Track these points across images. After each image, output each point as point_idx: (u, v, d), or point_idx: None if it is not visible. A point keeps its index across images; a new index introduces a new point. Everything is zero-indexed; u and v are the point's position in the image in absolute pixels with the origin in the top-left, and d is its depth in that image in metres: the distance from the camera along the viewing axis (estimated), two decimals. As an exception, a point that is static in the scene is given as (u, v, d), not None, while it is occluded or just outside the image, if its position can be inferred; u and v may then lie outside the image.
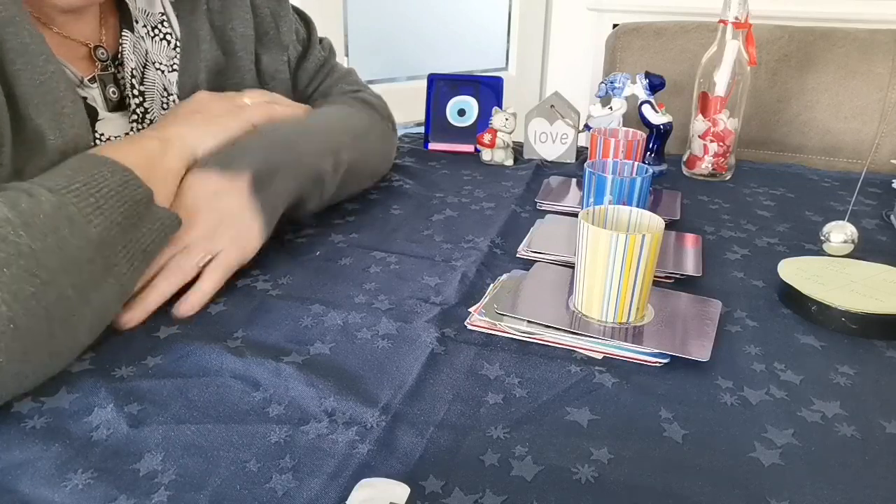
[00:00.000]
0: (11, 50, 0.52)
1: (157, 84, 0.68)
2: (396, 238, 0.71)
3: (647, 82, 0.93)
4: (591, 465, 0.40)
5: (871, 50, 1.15)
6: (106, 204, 0.49)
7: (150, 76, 0.68)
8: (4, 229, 0.42)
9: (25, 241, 0.43)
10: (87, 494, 0.37)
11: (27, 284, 0.42)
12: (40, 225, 0.44)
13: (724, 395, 0.47)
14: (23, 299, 0.42)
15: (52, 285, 0.43)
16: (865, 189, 0.89)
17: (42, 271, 0.43)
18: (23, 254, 0.42)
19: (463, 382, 0.47)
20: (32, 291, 0.42)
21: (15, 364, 0.42)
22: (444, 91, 1.02)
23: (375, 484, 0.37)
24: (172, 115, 0.65)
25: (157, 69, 0.68)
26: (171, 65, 0.70)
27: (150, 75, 0.68)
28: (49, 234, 0.44)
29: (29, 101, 0.53)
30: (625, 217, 0.56)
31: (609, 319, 0.53)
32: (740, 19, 0.86)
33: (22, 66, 0.52)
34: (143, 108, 0.67)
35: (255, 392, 0.46)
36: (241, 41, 0.75)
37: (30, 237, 0.43)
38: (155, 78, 0.68)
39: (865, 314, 0.53)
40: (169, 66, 0.70)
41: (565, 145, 0.99)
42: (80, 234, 0.46)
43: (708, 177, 0.93)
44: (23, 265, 0.42)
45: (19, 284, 0.42)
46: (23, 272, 0.42)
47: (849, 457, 0.41)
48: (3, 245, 0.42)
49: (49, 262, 0.44)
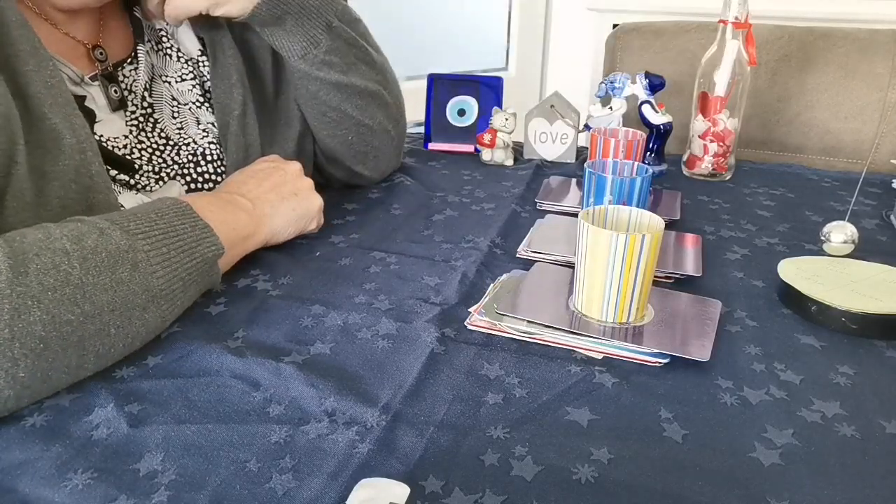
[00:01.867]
0: (24, 51, 0.52)
1: (166, 95, 0.69)
2: (396, 238, 0.71)
3: (647, 82, 0.93)
4: (591, 465, 0.40)
5: (871, 50, 1.15)
6: (176, 258, 0.50)
7: (158, 88, 0.68)
8: (60, 258, 0.44)
9: (78, 273, 0.44)
10: (87, 494, 0.37)
11: (68, 312, 0.43)
12: (99, 262, 0.45)
13: (724, 394, 0.47)
14: (59, 324, 0.42)
15: (95, 319, 0.44)
16: (865, 189, 0.89)
17: (87, 304, 0.44)
18: (71, 283, 0.43)
19: (463, 382, 0.47)
20: (71, 319, 0.43)
21: (35, 382, 0.42)
22: (443, 91, 1.02)
23: (375, 484, 0.37)
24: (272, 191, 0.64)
25: (165, 81, 0.69)
26: (179, 76, 0.70)
27: (157, 87, 0.68)
28: (105, 271, 0.45)
29: (43, 101, 0.53)
30: (625, 217, 0.56)
31: (609, 319, 0.53)
32: (740, 19, 0.86)
33: (34, 66, 0.53)
34: (152, 118, 0.67)
35: (256, 392, 0.46)
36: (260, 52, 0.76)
37: (83, 270, 0.44)
38: (162, 90, 0.69)
39: (865, 314, 0.53)
40: (177, 77, 0.70)
41: (565, 145, 0.99)
42: (140, 281, 0.47)
43: (708, 177, 0.93)
44: (68, 293, 0.43)
45: (59, 310, 0.42)
46: (66, 300, 0.43)
47: (849, 457, 0.41)
48: (54, 272, 0.43)
49: (97, 297, 0.44)
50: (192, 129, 0.70)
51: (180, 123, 0.69)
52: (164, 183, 0.66)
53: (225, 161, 0.71)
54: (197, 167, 0.69)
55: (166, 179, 0.66)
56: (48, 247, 0.44)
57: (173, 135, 0.68)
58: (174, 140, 0.68)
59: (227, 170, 0.71)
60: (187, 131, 0.69)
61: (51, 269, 0.43)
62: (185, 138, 0.69)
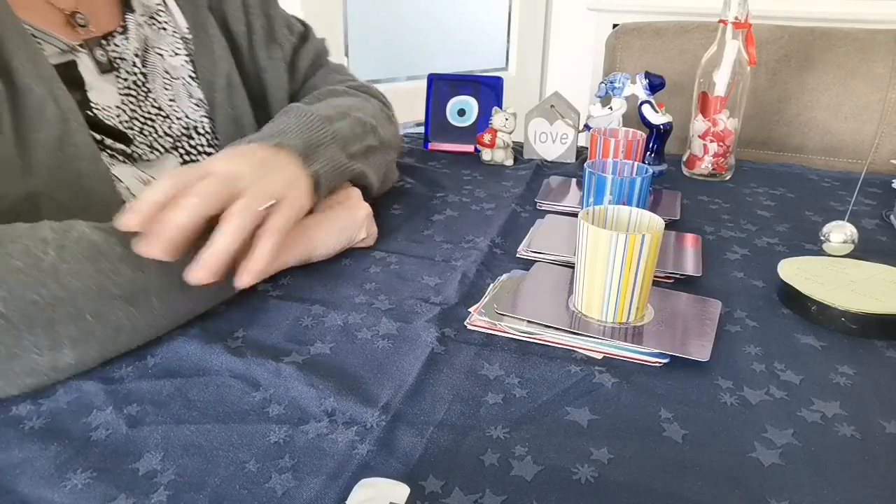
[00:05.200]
0: (5, 26, 0.54)
1: (159, 66, 0.69)
2: (396, 238, 0.71)
3: (647, 82, 0.93)
4: (591, 465, 0.40)
5: (871, 50, 1.15)
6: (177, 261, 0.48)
7: (152, 59, 0.69)
8: (35, 244, 0.44)
9: (51, 259, 0.44)
10: (87, 494, 0.37)
11: (33, 293, 0.43)
12: (78, 251, 0.45)
13: (724, 395, 0.46)
14: (23, 303, 0.42)
15: (66, 303, 0.44)
16: (865, 189, 0.89)
17: (57, 287, 0.44)
18: (42, 267, 0.43)
19: (463, 382, 0.47)
20: (36, 300, 0.43)
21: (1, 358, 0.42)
22: (443, 91, 1.02)
23: (375, 484, 0.37)
24: None
25: (158, 54, 0.69)
26: (172, 51, 0.71)
27: (151, 58, 0.69)
28: (84, 261, 0.45)
29: (27, 73, 0.54)
30: (625, 217, 0.56)
31: (609, 319, 0.53)
32: (740, 19, 0.86)
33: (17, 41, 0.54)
34: (145, 87, 0.67)
35: (255, 392, 0.46)
36: (237, 38, 0.76)
37: (58, 257, 0.44)
38: (156, 61, 0.69)
39: (865, 314, 0.53)
40: (170, 51, 0.70)
41: (565, 145, 0.99)
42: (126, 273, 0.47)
43: (708, 177, 0.93)
44: (35, 276, 0.43)
45: (24, 290, 0.42)
46: (32, 281, 0.43)
47: (849, 457, 0.41)
48: (24, 255, 0.43)
49: (70, 283, 0.44)
50: (185, 102, 0.70)
51: (173, 96, 0.70)
52: (160, 155, 0.67)
53: (217, 135, 0.72)
54: (190, 140, 0.70)
55: (161, 152, 0.67)
56: (28, 234, 0.44)
57: (165, 106, 0.69)
58: (166, 112, 0.68)
59: (220, 143, 0.72)
60: (179, 104, 0.70)
61: (22, 253, 0.43)
62: (176, 111, 0.69)
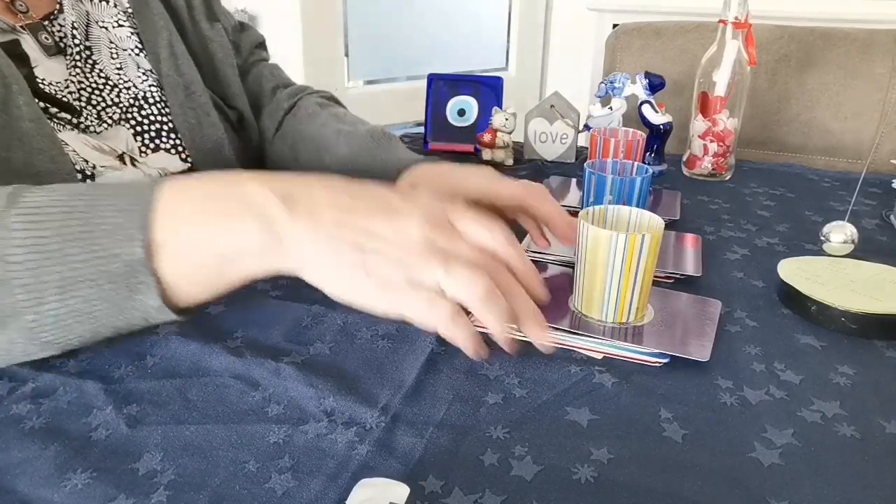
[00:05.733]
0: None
1: (104, 38, 0.69)
2: (396, 238, 0.71)
3: (647, 82, 0.93)
4: (591, 465, 0.40)
5: (871, 50, 1.15)
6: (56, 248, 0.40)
7: (95, 32, 0.68)
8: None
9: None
10: (87, 494, 0.37)
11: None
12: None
13: (724, 394, 0.46)
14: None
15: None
16: (865, 189, 0.89)
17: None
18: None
19: (463, 382, 0.47)
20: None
21: None
22: (443, 91, 1.02)
23: (375, 484, 0.37)
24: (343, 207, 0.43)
25: (101, 27, 0.69)
26: (115, 21, 0.70)
27: (94, 32, 0.68)
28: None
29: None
30: (625, 217, 0.56)
31: (609, 319, 0.53)
32: (740, 19, 0.86)
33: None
34: (91, 60, 0.67)
35: (255, 392, 0.46)
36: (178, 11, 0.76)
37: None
38: (100, 34, 0.68)
39: (865, 314, 0.53)
40: (113, 22, 0.70)
41: (565, 145, 0.99)
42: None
43: (708, 177, 0.93)
44: None
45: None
46: None
47: (849, 457, 0.41)
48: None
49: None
50: (132, 71, 0.70)
51: (119, 64, 0.69)
52: (110, 127, 0.66)
53: (168, 103, 0.71)
54: (141, 111, 0.69)
55: (110, 123, 0.66)
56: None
57: (112, 75, 0.68)
58: (114, 81, 0.68)
59: (171, 111, 0.71)
60: (127, 73, 0.69)
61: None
62: (124, 80, 0.69)
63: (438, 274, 0.41)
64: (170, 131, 0.71)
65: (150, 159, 0.68)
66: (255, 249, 0.41)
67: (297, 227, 0.41)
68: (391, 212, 0.43)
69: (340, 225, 0.41)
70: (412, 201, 0.44)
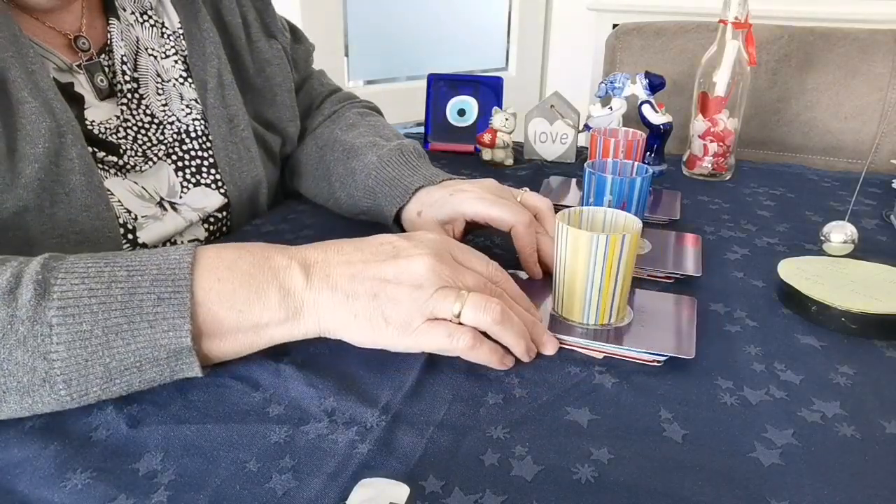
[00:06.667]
0: (3, 39, 0.54)
1: (151, 70, 0.68)
2: (396, 238, 0.71)
3: (647, 82, 0.93)
4: (591, 465, 0.40)
5: (871, 50, 1.15)
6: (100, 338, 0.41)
7: (143, 62, 0.68)
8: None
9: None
10: (87, 494, 0.37)
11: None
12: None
13: (724, 395, 0.46)
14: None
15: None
16: (865, 189, 0.89)
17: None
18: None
19: (463, 382, 0.47)
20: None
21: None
22: (443, 91, 1.02)
23: (375, 484, 0.37)
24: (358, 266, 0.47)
25: (150, 55, 0.68)
26: (164, 52, 0.69)
27: (142, 62, 0.67)
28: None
29: (23, 86, 0.54)
30: (600, 218, 0.56)
31: (591, 322, 0.53)
32: (740, 19, 0.86)
33: (14, 53, 0.54)
34: (137, 94, 0.66)
35: (255, 392, 0.46)
36: (234, 29, 0.75)
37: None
38: (148, 64, 0.68)
39: (865, 314, 0.53)
40: (162, 52, 0.69)
41: (565, 145, 0.99)
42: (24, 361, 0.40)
43: (708, 177, 0.93)
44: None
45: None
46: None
47: (849, 457, 0.41)
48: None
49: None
50: (176, 105, 0.69)
51: (164, 100, 0.69)
52: (154, 164, 0.66)
53: (210, 136, 0.71)
54: (182, 145, 0.69)
55: (154, 160, 0.66)
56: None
57: (158, 112, 0.68)
58: (159, 118, 0.68)
59: (213, 145, 0.70)
60: (171, 108, 0.69)
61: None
62: (168, 116, 0.68)
63: (455, 307, 0.46)
64: (210, 166, 0.71)
65: (189, 197, 0.69)
66: (280, 319, 0.46)
67: (313, 292, 0.46)
68: (398, 256, 0.48)
69: (353, 279, 0.47)
70: (414, 241, 0.50)
